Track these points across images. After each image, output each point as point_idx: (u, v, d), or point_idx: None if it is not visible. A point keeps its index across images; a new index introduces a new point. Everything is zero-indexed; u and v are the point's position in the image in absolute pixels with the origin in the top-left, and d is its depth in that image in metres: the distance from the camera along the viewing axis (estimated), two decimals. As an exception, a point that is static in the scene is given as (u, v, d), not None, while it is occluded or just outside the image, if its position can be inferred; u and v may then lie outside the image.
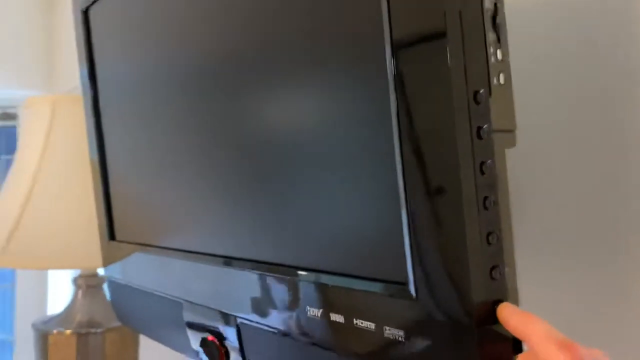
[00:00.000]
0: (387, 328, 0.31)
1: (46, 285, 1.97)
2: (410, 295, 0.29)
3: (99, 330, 0.84)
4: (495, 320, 0.28)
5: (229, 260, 0.45)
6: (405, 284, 0.29)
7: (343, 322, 0.34)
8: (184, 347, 0.55)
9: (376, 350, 0.32)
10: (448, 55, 0.26)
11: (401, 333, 0.30)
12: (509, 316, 0.27)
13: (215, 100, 0.45)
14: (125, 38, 0.61)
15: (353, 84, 0.31)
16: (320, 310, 0.35)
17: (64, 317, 0.86)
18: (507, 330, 0.27)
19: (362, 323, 0.32)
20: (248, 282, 0.43)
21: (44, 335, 0.83)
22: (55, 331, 0.83)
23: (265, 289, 0.41)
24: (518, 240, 0.29)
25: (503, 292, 0.27)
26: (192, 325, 0.52)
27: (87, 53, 0.68)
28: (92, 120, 0.69)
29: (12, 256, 0.72)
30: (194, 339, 0.52)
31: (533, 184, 0.47)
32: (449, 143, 0.26)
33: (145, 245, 0.60)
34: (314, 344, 0.37)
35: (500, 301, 0.27)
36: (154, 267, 0.59)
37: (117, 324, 0.86)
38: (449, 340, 0.28)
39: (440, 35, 0.26)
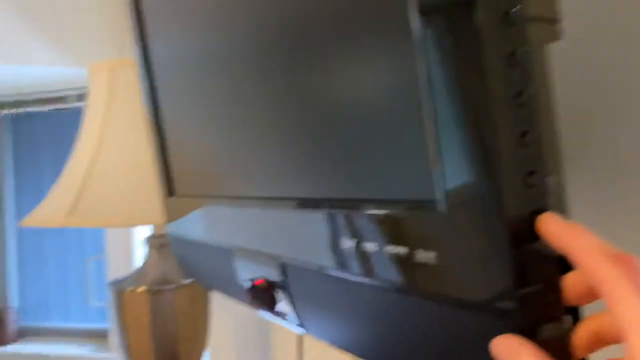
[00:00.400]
0: (419, 251, 0.28)
1: (132, 256, 2.09)
2: (438, 210, 0.26)
3: (170, 287, 0.87)
4: (536, 236, 0.24)
5: (278, 202, 0.44)
6: (432, 200, 0.26)
7: (404, 253, 0.31)
8: (239, 295, 0.55)
9: (404, 275, 0.29)
10: None
11: (431, 255, 0.27)
12: (551, 228, 0.24)
13: (273, 57, 0.43)
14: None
15: None
16: (376, 244, 0.33)
17: (138, 276, 0.90)
18: (550, 247, 0.24)
19: (393, 249, 0.30)
20: (300, 222, 0.42)
21: (119, 293, 0.87)
22: (129, 289, 0.87)
23: (317, 227, 0.40)
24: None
25: (543, 201, 0.24)
26: (242, 271, 0.52)
27: (136, 15, 0.69)
28: (145, 81, 0.70)
29: (80, 217, 0.75)
30: (245, 285, 0.52)
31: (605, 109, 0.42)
32: (473, 31, 0.23)
33: (200, 197, 0.61)
34: (364, 279, 0.35)
35: (540, 212, 0.24)
36: (208, 218, 0.59)
37: (188, 281, 0.89)
38: (484, 260, 0.25)
39: None
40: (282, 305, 0.47)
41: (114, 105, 0.80)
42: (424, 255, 0.27)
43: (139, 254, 2.06)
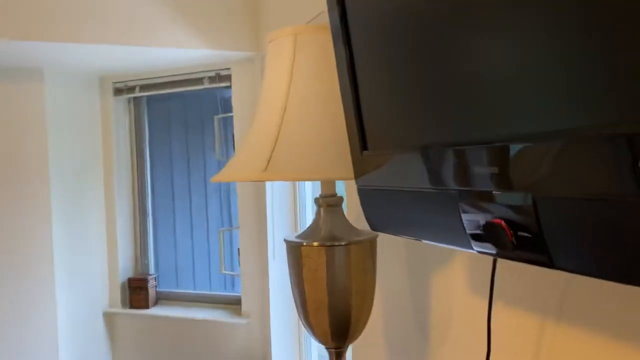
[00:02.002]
0: None
1: (265, 228, 2.20)
2: None
3: (342, 243, 0.91)
4: None
5: (508, 139, 0.45)
6: None
7: None
8: (458, 240, 0.57)
9: None
10: None
11: None
12: None
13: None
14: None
15: None
16: None
17: (310, 232, 0.95)
18: None
19: None
20: (550, 154, 0.43)
21: (297, 247, 0.93)
22: (305, 243, 0.92)
23: (571, 155, 0.40)
24: None
25: None
26: (470, 213, 0.53)
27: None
28: (340, 43, 0.73)
29: (274, 172, 0.80)
30: (473, 226, 0.53)
31: None
32: None
33: (404, 147, 0.63)
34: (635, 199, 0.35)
35: None
36: (416, 166, 0.61)
37: (356, 238, 0.92)
38: None
39: None
40: (523, 241, 0.48)
41: (299, 65, 0.84)
42: None
43: (270, 224, 2.16)
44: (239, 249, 2.32)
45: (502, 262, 0.77)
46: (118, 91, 2.52)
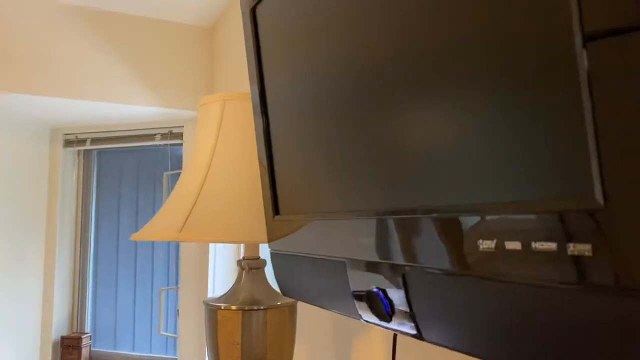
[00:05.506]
0: (571, 245, 0.31)
1: (206, 289, 2.15)
2: (598, 204, 0.29)
3: (261, 307, 0.90)
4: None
5: (388, 212, 0.47)
6: (590, 194, 0.29)
7: (520, 248, 0.34)
8: (348, 308, 0.58)
9: (558, 271, 0.32)
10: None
11: (588, 247, 0.30)
12: None
13: (378, 94, 0.48)
14: (289, 36, 0.67)
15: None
16: (495, 241, 0.36)
17: (230, 296, 0.94)
18: None
19: (541, 246, 0.33)
20: (411, 230, 0.45)
21: (213, 311, 0.92)
22: (223, 306, 0.91)
23: (430, 232, 0.43)
24: None
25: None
26: (355, 281, 0.55)
27: (255, 49, 0.76)
28: (259, 113, 0.76)
29: (189, 233, 0.81)
30: (359, 296, 0.55)
31: None
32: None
33: (307, 214, 0.65)
34: (487, 278, 0.37)
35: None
36: (317, 233, 0.63)
37: (276, 302, 0.92)
38: None
39: None
40: (398, 312, 0.49)
41: (224, 131, 0.87)
42: (578, 248, 0.30)
43: (211, 285, 2.12)
44: (177, 310, 2.26)
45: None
46: (68, 143, 2.50)
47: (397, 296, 0.49)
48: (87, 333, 2.50)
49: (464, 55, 0.38)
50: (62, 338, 2.45)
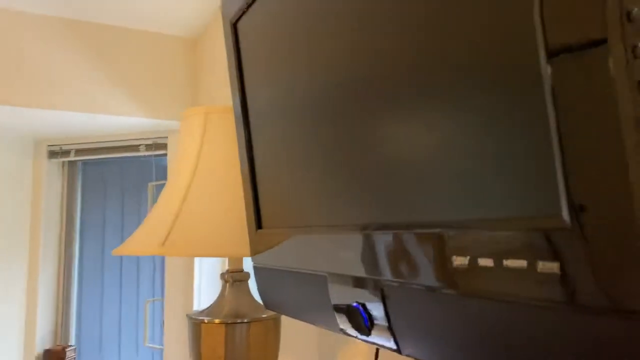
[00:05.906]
0: (541, 263, 0.31)
1: (192, 301, 2.14)
2: (565, 223, 0.29)
3: (244, 320, 0.90)
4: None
5: (366, 227, 0.48)
6: (558, 213, 0.30)
7: (492, 265, 0.35)
8: (329, 322, 0.58)
9: (528, 288, 0.32)
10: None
11: (556, 265, 0.30)
12: None
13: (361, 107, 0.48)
14: (269, 50, 0.68)
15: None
16: (468, 258, 0.36)
17: (214, 309, 0.94)
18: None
19: (512, 263, 0.33)
20: (389, 244, 0.45)
21: (197, 325, 0.91)
22: (206, 320, 0.91)
23: (406, 247, 0.43)
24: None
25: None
26: (336, 295, 0.55)
27: (236, 63, 0.77)
28: (241, 126, 0.76)
29: (171, 247, 0.81)
30: (339, 309, 0.55)
31: None
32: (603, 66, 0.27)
33: (289, 228, 0.65)
34: (461, 294, 0.38)
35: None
36: (298, 247, 0.63)
37: (260, 315, 0.92)
38: (612, 269, 0.28)
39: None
40: (377, 326, 0.49)
41: (207, 144, 0.87)
42: (547, 266, 0.30)
43: (197, 297, 2.11)
44: (163, 321, 2.24)
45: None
46: (52, 154, 2.48)
47: (376, 310, 0.49)
48: (71, 346, 2.47)
49: (439, 73, 0.39)
50: (46, 351, 2.41)
